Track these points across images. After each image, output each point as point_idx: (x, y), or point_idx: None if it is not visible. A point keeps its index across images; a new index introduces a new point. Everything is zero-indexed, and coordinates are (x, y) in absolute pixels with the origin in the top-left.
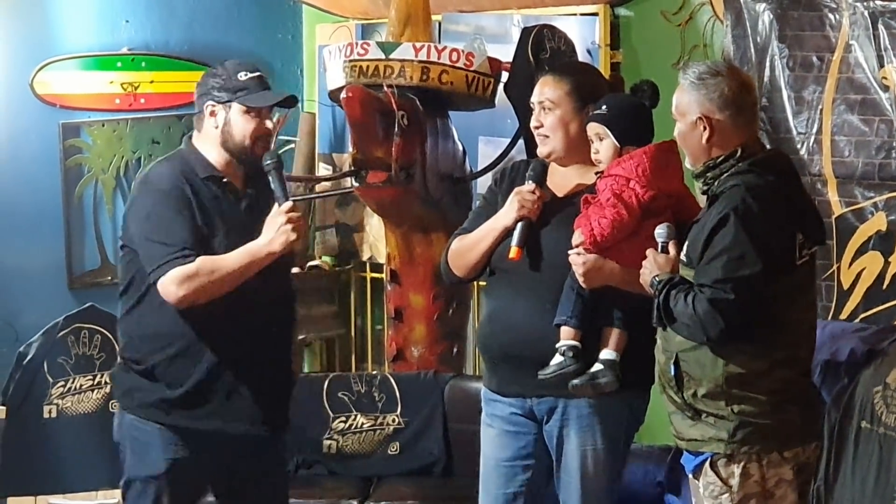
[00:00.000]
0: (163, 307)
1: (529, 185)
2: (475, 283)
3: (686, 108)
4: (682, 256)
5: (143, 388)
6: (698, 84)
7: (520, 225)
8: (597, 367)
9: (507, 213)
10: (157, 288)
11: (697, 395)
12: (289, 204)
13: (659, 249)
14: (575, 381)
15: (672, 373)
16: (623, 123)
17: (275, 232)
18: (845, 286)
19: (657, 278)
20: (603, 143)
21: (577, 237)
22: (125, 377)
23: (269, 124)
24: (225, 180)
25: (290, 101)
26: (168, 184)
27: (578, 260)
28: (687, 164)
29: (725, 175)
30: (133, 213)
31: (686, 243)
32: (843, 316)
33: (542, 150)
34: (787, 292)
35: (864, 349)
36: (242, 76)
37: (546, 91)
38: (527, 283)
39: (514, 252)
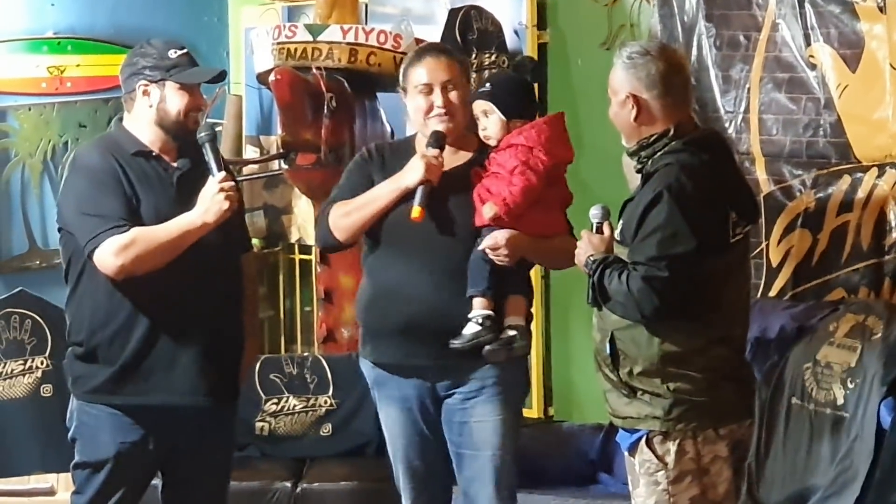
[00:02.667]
0: (98, 286)
1: (433, 151)
2: None
3: (617, 86)
4: (616, 235)
5: (88, 373)
6: (628, 63)
7: (422, 187)
8: (510, 332)
9: (409, 176)
10: (94, 261)
11: (633, 373)
12: (222, 174)
13: (593, 230)
14: (489, 348)
15: (608, 351)
16: (508, 98)
17: (209, 202)
18: (774, 263)
19: (591, 258)
20: (490, 119)
21: (488, 210)
22: (73, 364)
23: (200, 100)
24: (154, 154)
25: (222, 76)
26: (97, 161)
27: (501, 240)
28: (623, 142)
29: (659, 154)
30: (65, 193)
31: (620, 221)
32: (773, 293)
33: (446, 128)
34: (721, 270)
35: (793, 326)
36: (173, 54)
37: (448, 71)
38: (423, 254)
39: (416, 212)
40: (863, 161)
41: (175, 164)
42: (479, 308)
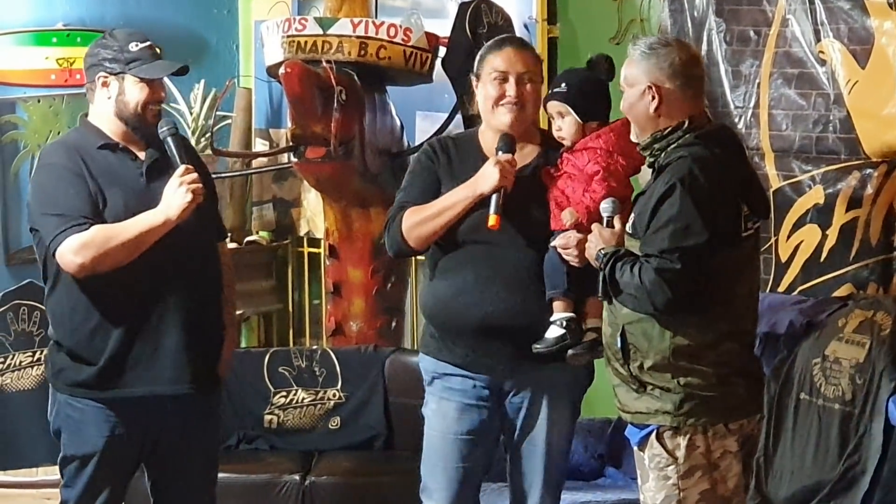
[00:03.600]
0: (75, 284)
1: (506, 155)
2: (413, 258)
3: (635, 77)
4: (628, 228)
5: (71, 367)
6: (649, 53)
7: (496, 194)
8: (591, 335)
9: (484, 182)
10: (56, 259)
11: (644, 368)
12: (182, 167)
13: (604, 224)
14: (573, 351)
15: (618, 345)
16: (584, 100)
17: (170, 198)
18: (783, 259)
19: (602, 251)
20: (565, 121)
21: (567, 216)
22: (56, 357)
23: (160, 93)
24: (121, 146)
25: (183, 71)
26: (58, 158)
27: (572, 241)
28: (632, 136)
29: (672, 147)
30: (31, 193)
31: (632, 215)
32: (782, 289)
33: (513, 120)
34: (733, 265)
35: (802, 321)
36: (134, 47)
37: (526, 63)
38: (497, 256)
39: (493, 220)
40: (872, 157)
41: (142, 156)
42: (561, 311)
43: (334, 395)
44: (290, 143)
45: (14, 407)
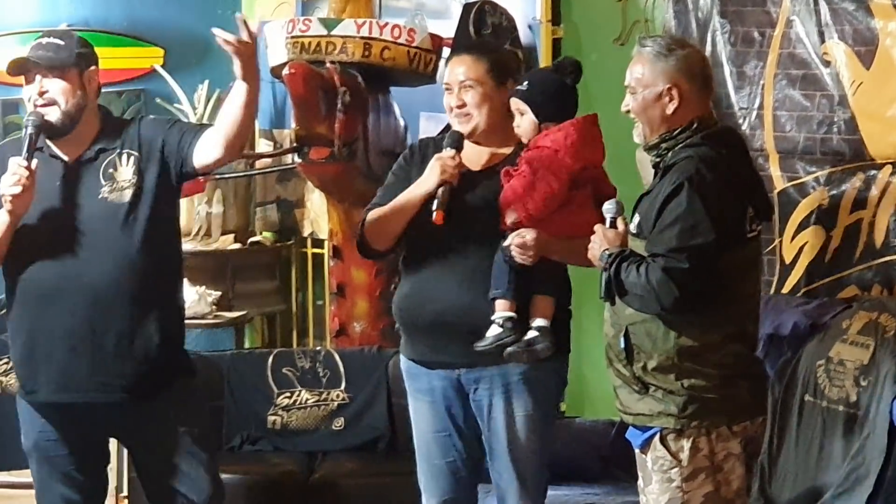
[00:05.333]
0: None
1: (449, 152)
2: None
3: (651, 78)
4: (632, 228)
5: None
6: (667, 54)
7: (441, 189)
8: (531, 334)
9: (428, 179)
10: None
11: (647, 369)
12: (16, 160)
13: (607, 224)
14: (510, 349)
15: (622, 345)
16: (543, 101)
17: None
18: (787, 260)
19: (607, 252)
20: (524, 118)
21: (510, 216)
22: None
23: (33, 86)
24: (44, 150)
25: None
26: None
27: (527, 240)
28: (636, 137)
29: (679, 147)
30: None
31: (636, 215)
32: (786, 290)
33: (464, 129)
34: (738, 266)
35: (806, 323)
36: (32, 44)
37: (466, 70)
38: (450, 254)
39: (436, 216)
40: (876, 158)
41: (64, 158)
42: (501, 310)
43: (338, 396)
44: (294, 144)
45: (15, 408)
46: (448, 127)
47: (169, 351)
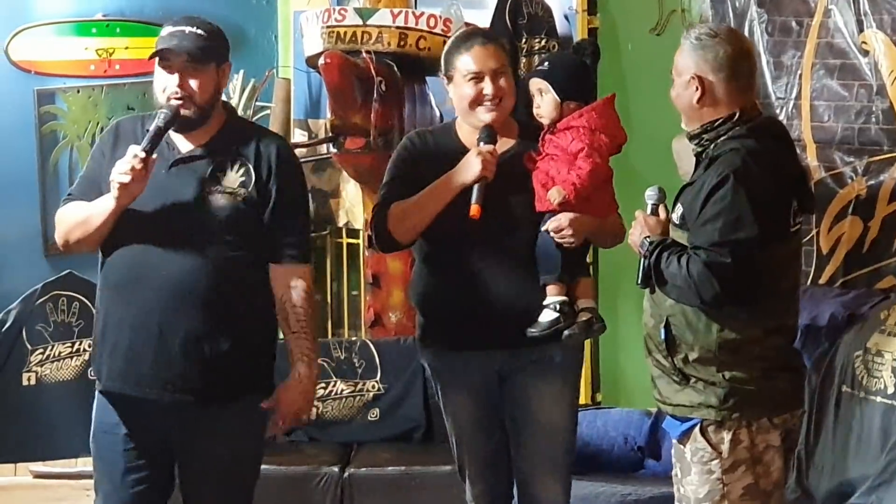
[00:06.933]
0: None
1: (488, 146)
2: None
3: (683, 67)
4: (675, 219)
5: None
6: (696, 44)
7: (478, 184)
8: (585, 315)
9: (466, 173)
10: None
11: (688, 360)
12: (134, 149)
13: (648, 211)
14: (568, 332)
15: (662, 336)
16: (564, 78)
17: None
18: (825, 251)
19: (648, 240)
20: (544, 98)
21: (555, 195)
22: None
23: (175, 78)
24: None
25: (183, 50)
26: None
27: (565, 222)
28: (683, 124)
29: (723, 138)
30: None
31: (678, 205)
32: (823, 280)
33: (495, 117)
34: (780, 260)
35: (844, 314)
36: (166, 31)
37: (496, 58)
38: (484, 243)
39: (474, 210)
40: None
41: (179, 148)
42: (554, 294)
43: (373, 387)
44: (330, 134)
45: (53, 397)
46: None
47: (241, 362)
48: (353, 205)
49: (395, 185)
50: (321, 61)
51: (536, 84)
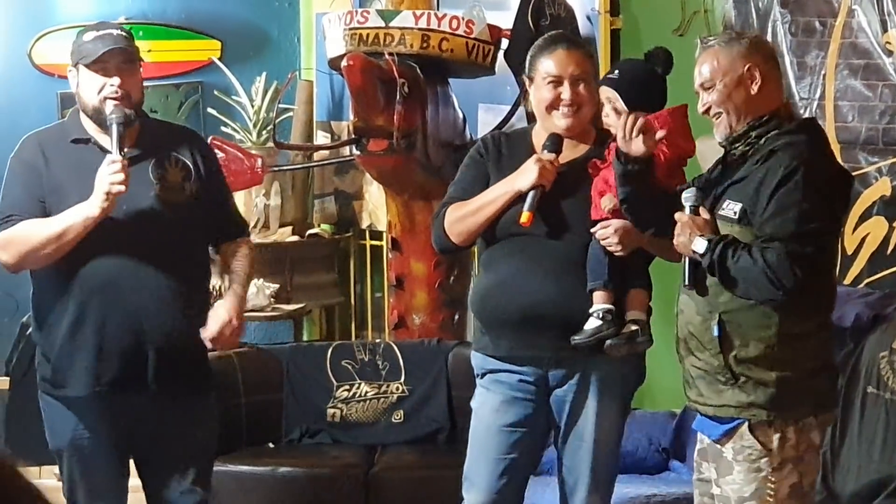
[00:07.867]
0: (41, 276)
1: (549, 155)
2: (475, 250)
3: (728, 65)
4: (730, 214)
5: (40, 363)
6: (737, 39)
7: (534, 191)
8: (631, 327)
9: (523, 179)
10: None
11: (740, 358)
12: (109, 157)
13: (687, 212)
14: (610, 342)
15: (715, 333)
16: (633, 89)
17: (93, 196)
18: (849, 251)
19: (706, 238)
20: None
21: (606, 202)
22: (37, 353)
23: (119, 80)
24: (92, 141)
25: (119, 51)
26: (20, 151)
27: (611, 229)
28: (717, 134)
29: (774, 133)
30: None
31: (730, 202)
32: (847, 281)
33: (571, 123)
34: (832, 255)
35: (869, 314)
36: (89, 37)
37: (579, 64)
38: (540, 248)
39: (525, 217)
40: None
41: (110, 150)
42: (600, 302)
43: (397, 389)
44: (352, 136)
45: None
46: (504, 119)
47: (204, 353)
48: (376, 207)
49: (461, 186)
50: (344, 63)
51: (605, 92)
